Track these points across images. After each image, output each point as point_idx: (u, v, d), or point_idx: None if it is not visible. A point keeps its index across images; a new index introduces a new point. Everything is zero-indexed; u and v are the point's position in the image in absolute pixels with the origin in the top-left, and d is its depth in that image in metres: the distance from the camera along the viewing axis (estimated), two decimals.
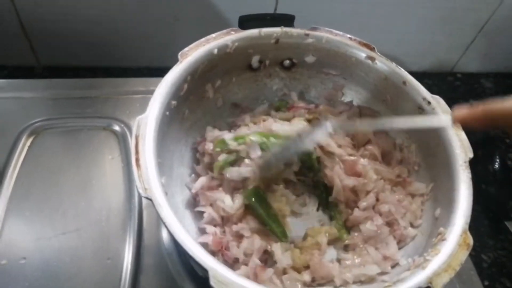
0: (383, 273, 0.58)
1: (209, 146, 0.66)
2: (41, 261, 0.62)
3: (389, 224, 0.63)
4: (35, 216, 0.67)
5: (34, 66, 1.04)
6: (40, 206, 0.68)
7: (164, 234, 0.67)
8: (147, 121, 0.56)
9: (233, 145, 0.63)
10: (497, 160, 1.01)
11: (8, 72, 1.00)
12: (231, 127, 0.72)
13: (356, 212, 0.63)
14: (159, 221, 0.66)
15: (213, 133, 0.68)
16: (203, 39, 0.66)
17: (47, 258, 0.63)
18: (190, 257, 0.47)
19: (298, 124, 0.67)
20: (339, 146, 0.66)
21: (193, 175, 0.68)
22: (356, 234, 0.63)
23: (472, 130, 0.49)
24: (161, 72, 0.62)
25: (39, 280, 0.60)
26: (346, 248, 0.64)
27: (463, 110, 0.46)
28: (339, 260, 0.62)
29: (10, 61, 1.01)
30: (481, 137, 1.08)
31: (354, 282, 0.57)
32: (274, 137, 0.64)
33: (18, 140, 0.74)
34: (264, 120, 0.69)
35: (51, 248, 0.64)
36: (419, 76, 0.69)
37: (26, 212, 0.67)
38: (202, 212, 0.63)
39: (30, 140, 0.75)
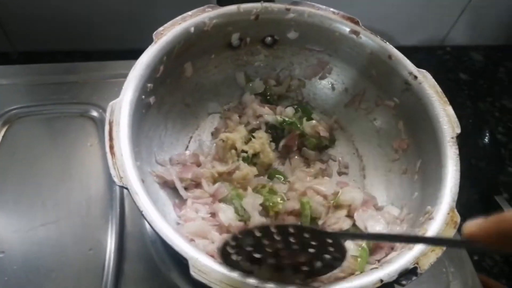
0: None
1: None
2: (20, 254, 0.60)
3: None
4: (12, 208, 0.64)
5: (9, 52, 1.00)
6: (17, 197, 0.65)
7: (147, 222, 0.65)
8: (121, 106, 0.54)
9: None
10: (487, 134, 1.00)
11: None
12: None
13: None
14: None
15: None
16: (178, 17, 0.63)
17: (27, 251, 0.61)
18: (169, 246, 0.46)
19: None
20: None
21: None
22: None
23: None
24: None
25: (18, 274, 0.59)
26: None
27: (474, 224, 0.34)
28: None
29: None
30: (470, 111, 1.07)
31: None
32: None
33: None
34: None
35: (30, 241, 0.62)
36: (408, 50, 0.66)
37: (3, 205, 0.65)
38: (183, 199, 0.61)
39: (4, 129, 0.72)
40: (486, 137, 1.00)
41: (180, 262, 0.60)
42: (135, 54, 0.60)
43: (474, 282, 0.64)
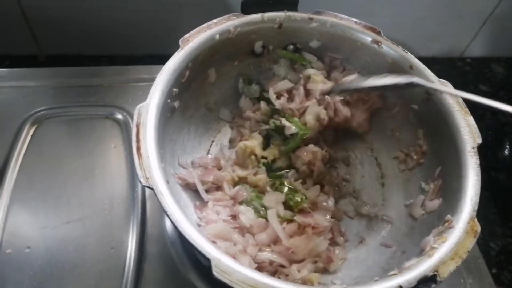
0: None
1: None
2: (45, 250, 0.62)
3: None
4: (39, 206, 0.67)
5: (37, 55, 1.03)
6: (43, 195, 0.68)
7: (168, 223, 0.67)
8: (148, 109, 0.55)
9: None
10: (507, 146, 0.99)
11: (10, 61, 0.99)
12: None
13: None
14: (162, 210, 0.66)
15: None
16: (204, 24, 0.65)
17: (51, 247, 0.63)
18: (193, 246, 0.47)
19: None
20: None
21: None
22: None
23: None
24: (166, 59, 0.61)
25: (43, 269, 0.61)
26: None
27: None
28: None
29: (13, 51, 1.00)
30: (490, 122, 1.06)
31: None
32: None
33: (21, 130, 0.74)
34: None
35: (55, 237, 0.64)
36: (428, 61, 0.67)
37: (30, 202, 0.67)
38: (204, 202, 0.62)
39: (33, 129, 0.75)
40: (506, 150, 0.99)
41: (200, 263, 0.61)
42: (158, 60, 0.62)
43: None
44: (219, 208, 0.61)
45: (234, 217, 0.60)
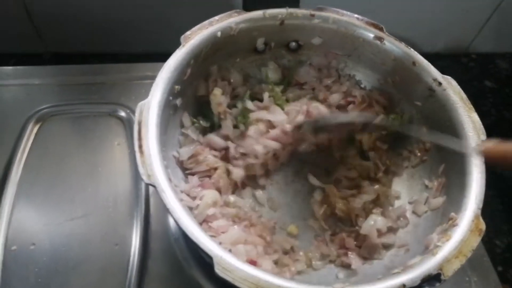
0: None
1: None
2: (50, 246, 0.63)
3: None
4: (43, 203, 0.67)
5: (42, 53, 1.04)
6: (48, 192, 0.68)
7: (171, 220, 0.67)
8: (150, 107, 0.55)
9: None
10: None
11: (16, 60, 1.00)
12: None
13: None
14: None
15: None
16: (206, 21, 0.65)
17: (56, 244, 0.63)
18: (195, 244, 0.47)
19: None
20: None
21: None
22: None
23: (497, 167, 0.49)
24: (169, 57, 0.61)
25: (48, 265, 0.61)
26: None
27: (493, 144, 0.42)
28: None
29: (18, 49, 1.01)
30: (495, 119, 1.05)
31: None
32: None
33: (25, 127, 0.74)
34: None
35: (59, 234, 0.64)
36: (432, 57, 0.66)
37: (35, 199, 0.67)
38: None
39: (37, 127, 0.75)
40: None
41: (203, 261, 0.61)
42: (161, 57, 0.62)
43: None
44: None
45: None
